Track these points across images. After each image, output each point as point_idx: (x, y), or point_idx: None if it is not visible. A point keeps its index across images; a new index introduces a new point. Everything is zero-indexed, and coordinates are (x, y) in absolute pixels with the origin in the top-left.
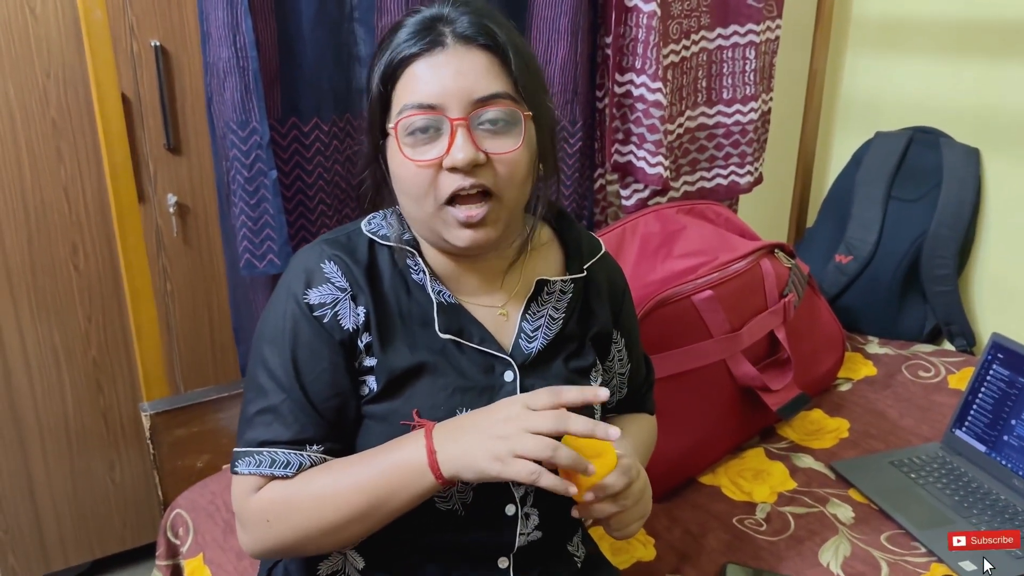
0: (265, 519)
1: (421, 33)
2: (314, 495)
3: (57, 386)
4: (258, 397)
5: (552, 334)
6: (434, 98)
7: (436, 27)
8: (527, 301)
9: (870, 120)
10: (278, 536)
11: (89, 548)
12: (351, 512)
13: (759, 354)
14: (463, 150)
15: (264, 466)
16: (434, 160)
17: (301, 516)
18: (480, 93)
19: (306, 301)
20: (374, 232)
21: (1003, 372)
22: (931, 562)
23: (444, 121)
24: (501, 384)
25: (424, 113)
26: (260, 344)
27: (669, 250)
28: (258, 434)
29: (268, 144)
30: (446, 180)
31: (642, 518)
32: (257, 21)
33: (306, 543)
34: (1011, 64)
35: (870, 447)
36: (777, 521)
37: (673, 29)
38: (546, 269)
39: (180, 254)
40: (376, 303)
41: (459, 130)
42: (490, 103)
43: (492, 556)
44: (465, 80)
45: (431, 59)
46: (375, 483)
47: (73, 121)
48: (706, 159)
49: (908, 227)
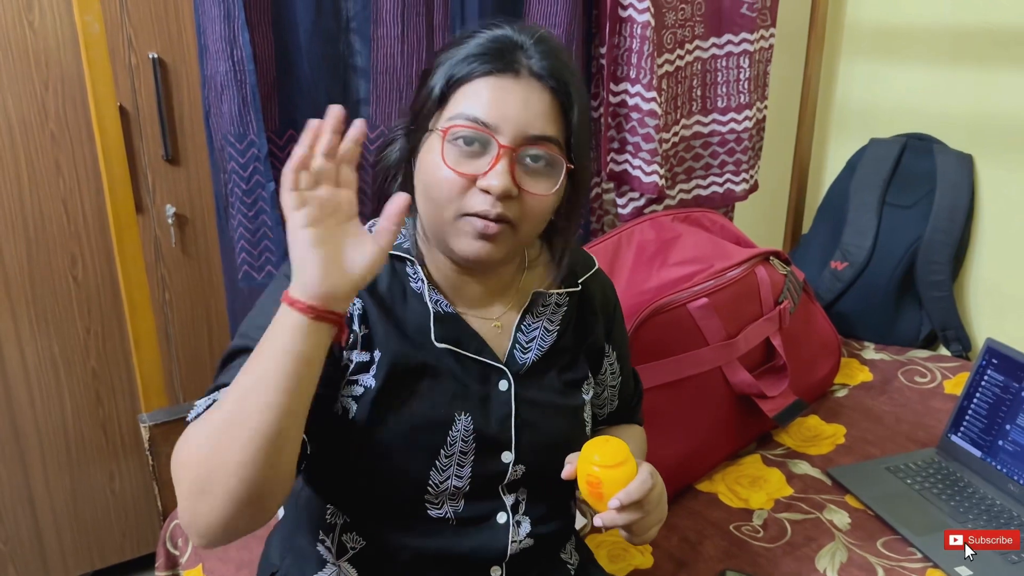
0: (178, 449)
1: (498, 54)
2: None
3: (56, 397)
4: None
5: (547, 346)
6: (491, 118)
7: (514, 53)
8: (522, 313)
9: (864, 127)
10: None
11: (89, 559)
12: (244, 392)
13: (755, 361)
14: (501, 178)
15: (211, 400)
16: (470, 175)
17: (205, 425)
18: (535, 131)
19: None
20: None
21: (998, 377)
22: (927, 567)
23: (493, 143)
24: (497, 393)
25: (477, 128)
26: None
27: (665, 258)
28: (218, 384)
29: (266, 157)
30: (474, 198)
31: (660, 522)
32: (254, 34)
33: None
34: (1004, 71)
35: (867, 453)
36: (774, 528)
37: (667, 39)
38: (541, 283)
39: (179, 264)
40: (373, 300)
41: (504, 158)
42: (540, 143)
43: (484, 565)
44: (526, 113)
45: (501, 81)
46: (256, 356)
47: (71, 133)
48: (701, 167)
49: (903, 233)
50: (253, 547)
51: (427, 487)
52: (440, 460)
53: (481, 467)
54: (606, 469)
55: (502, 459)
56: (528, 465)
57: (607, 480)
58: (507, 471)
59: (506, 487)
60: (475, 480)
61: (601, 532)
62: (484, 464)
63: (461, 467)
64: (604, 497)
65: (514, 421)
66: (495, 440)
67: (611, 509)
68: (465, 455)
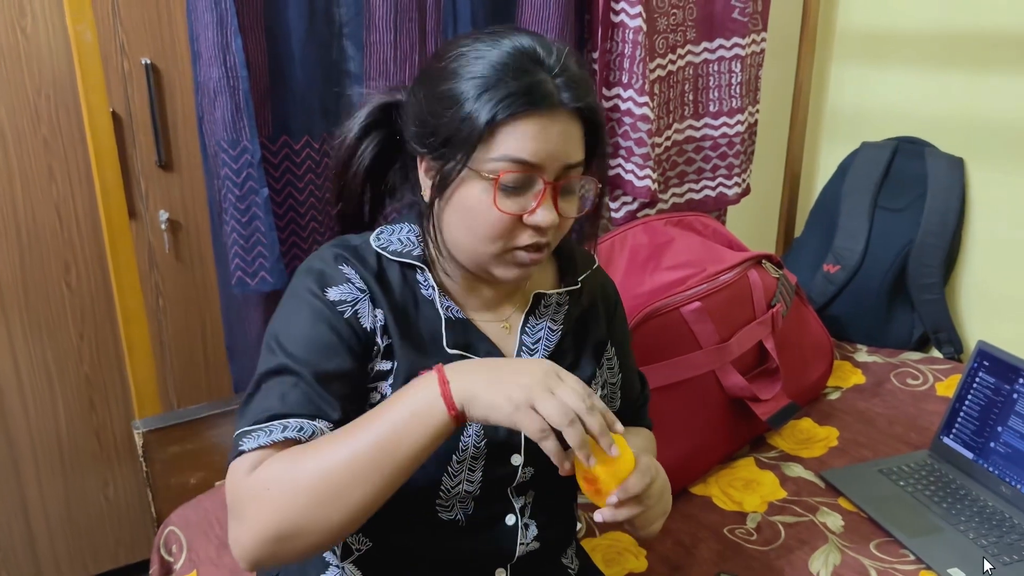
0: (265, 487)
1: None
2: (318, 450)
3: (50, 404)
4: (268, 378)
5: (552, 346)
6: (537, 158)
7: (547, 86)
8: (526, 314)
9: (856, 131)
10: (277, 512)
11: (83, 566)
12: (358, 465)
13: (748, 364)
14: (550, 214)
15: (276, 433)
16: (517, 213)
17: (304, 478)
18: (572, 160)
19: (326, 296)
20: (384, 247)
21: (989, 380)
22: (920, 569)
23: (539, 181)
24: None
25: (526, 171)
26: (275, 328)
27: (658, 262)
28: (268, 406)
29: (259, 163)
30: (522, 234)
31: (664, 515)
32: (247, 40)
33: (309, 517)
34: (994, 74)
35: (859, 455)
36: (768, 531)
37: (659, 44)
38: (543, 284)
39: (172, 271)
40: (392, 309)
41: (549, 195)
42: (575, 171)
43: (491, 567)
44: (565, 146)
45: (541, 120)
46: (382, 426)
47: (64, 139)
48: (694, 171)
49: (895, 236)
50: None
51: (439, 492)
52: (452, 465)
53: (491, 471)
54: (603, 464)
55: (512, 462)
56: (537, 467)
57: (604, 476)
58: (516, 473)
59: (515, 489)
60: (485, 483)
61: (596, 536)
62: (494, 468)
63: (472, 471)
64: (603, 493)
65: None
66: (505, 443)
67: (610, 505)
68: (476, 460)
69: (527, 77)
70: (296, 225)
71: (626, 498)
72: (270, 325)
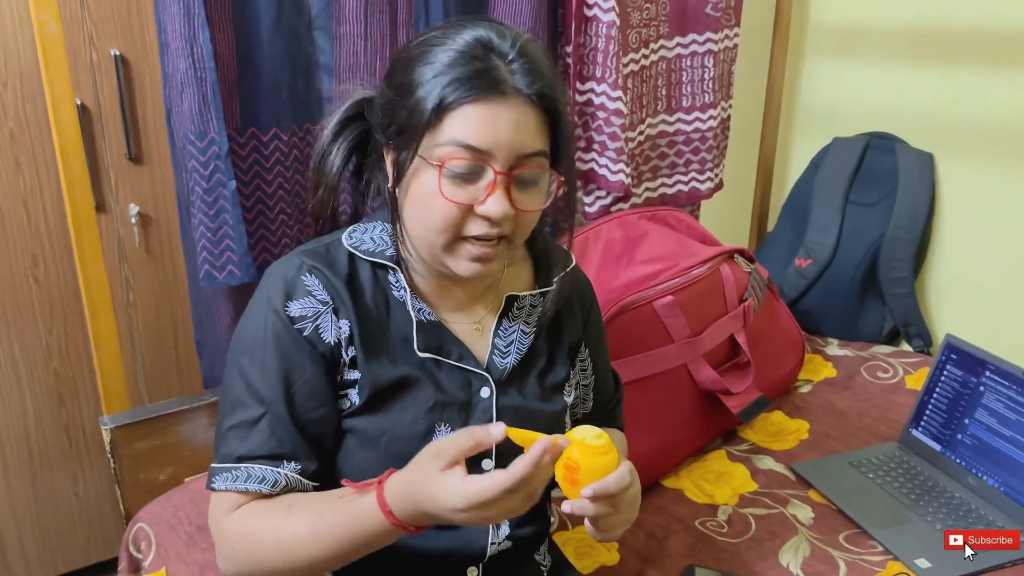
0: (231, 546)
1: (483, 73)
2: (278, 540)
3: (18, 399)
4: (235, 410)
5: (524, 348)
6: (486, 145)
7: (499, 71)
8: (499, 317)
9: (828, 126)
10: (242, 567)
11: (52, 563)
12: (316, 552)
13: (720, 358)
14: (500, 205)
15: (240, 481)
16: (468, 203)
17: (264, 555)
18: (527, 150)
19: (287, 313)
20: (355, 246)
21: (956, 372)
22: (887, 560)
23: (488, 170)
24: (478, 400)
25: (474, 159)
26: (237, 356)
27: (631, 256)
28: (233, 448)
29: (227, 155)
30: (473, 223)
31: (627, 524)
32: (215, 32)
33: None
34: (964, 71)
35: (830, 448)
36: (738, 523)
37: (632, 38)
38: (517, 284)
39: (142, 265)
40: (359, 316)
41: (501, 185)
42: (531, 161)
43: (462, 566)
44: (517, 135)
45: (490, 106)
46: (340, 537)
47: (31, 132)
48: (667, 166)
49: (866, 231)
50: None
51: None
52: None
53: None
54: (587, 456)
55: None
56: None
57: (586, 467)
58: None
59: None
60: None
61: (569, 529)
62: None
63: None
64: (578, 484)
65: None
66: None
67: (583, 497)
68: None
69: (479, 63)
70: (265, 218)
71: (601, 495)
72: (235, 337)
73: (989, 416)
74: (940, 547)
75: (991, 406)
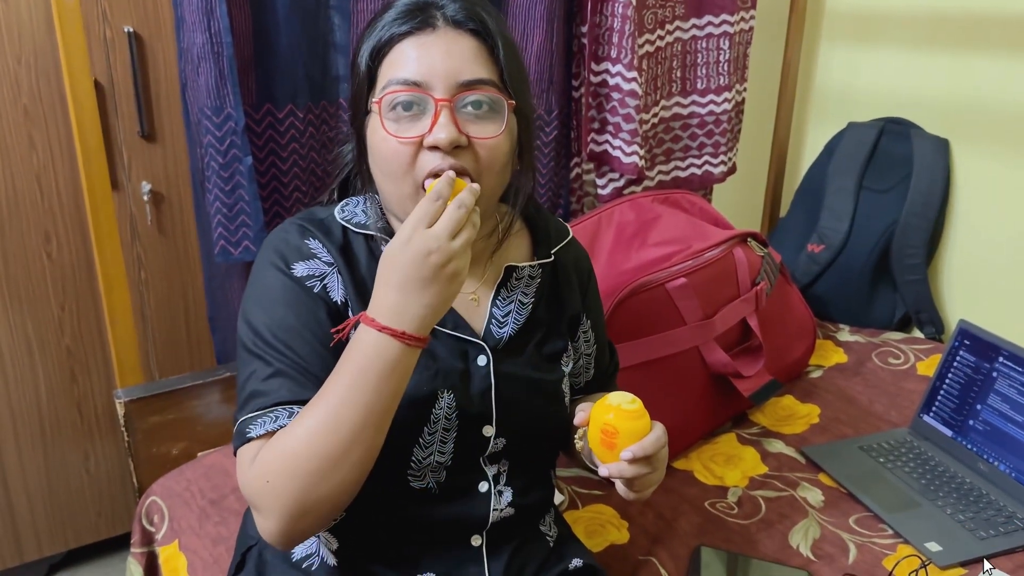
0: (265, 480)
1: (412, 14)
2: (305, 429)
3: (30, 376)
4: (255, 368)
5: (522, 319)
6: (420, 76)
7: (428, 10)
8: (497, 287)
9: (843, 111)
10: (282, 498)
11: (63, 538)
12: (347, 430)
13: (731, 341)
14: (445, 129)
15: (269, 423)
16: (415, 138)
17: (299, 459)
18: (466, 77)
19: (293, 272)
20: (348, 219)
21: (969, 358)
22: (898, 543)
23: (428, 100)
24: (476, 369)
25: (409, 90)
26: (249, 315)
27: (644, 239)
28: (259, 401)
29: (243, 130)
30: (425, 159)
31: (658, 482)
32: (232, 7)
33: (313, 492)
34: (980, 56)
35: (840, 432)
36: (748, 505)
37: (648, 19)
38: (516, 255)
39: (155, 242)
40: (355, 285)
41: (443, 110)
42: (475, 88)
43: (465, 534)
44: (453, 62)
45: (420, 39)
46: (357, 387)
47: (45, 108)
48: (680, 149)
49: (879, 217)
50: (230, 522)
51: (410, 463)
52: (424, 437)
53: (463, 441)
54: (624, 421)
55: (483, 433)
56: (509, 438)
57: (624, 431)
58: (488, 444)
59: (487, 459)
60: (457, 454)
61: (579, 508)
62: (466, 439)
63: (444, 443)
64: (616, 448)
65: (494, 396)
66: (477, 415)
67: (623, 460)
68: (448, 431)
69: (408, 8)
70: (279, 194)
71: (641, 456)
72: (243, 304)
73: (1001, 402)
74: (950, 531)
75: (1004, 392)
